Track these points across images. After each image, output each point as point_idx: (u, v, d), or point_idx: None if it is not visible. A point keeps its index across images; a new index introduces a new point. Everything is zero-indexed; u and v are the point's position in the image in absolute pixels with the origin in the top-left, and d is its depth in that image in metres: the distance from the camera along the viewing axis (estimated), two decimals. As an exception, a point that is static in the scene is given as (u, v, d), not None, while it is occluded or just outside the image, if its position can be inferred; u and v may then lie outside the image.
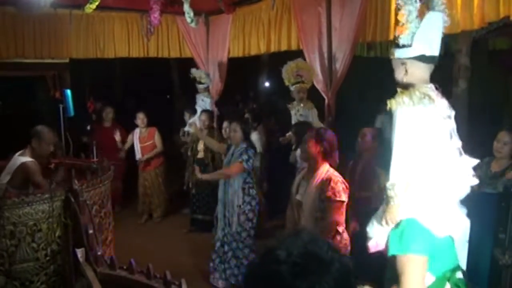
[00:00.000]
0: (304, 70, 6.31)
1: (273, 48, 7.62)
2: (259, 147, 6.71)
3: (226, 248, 5.26)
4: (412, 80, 2.64)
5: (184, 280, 2.61)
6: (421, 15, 2.60)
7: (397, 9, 2.65)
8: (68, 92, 7.31)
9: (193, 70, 8.35)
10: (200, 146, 7.36)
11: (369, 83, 11.75)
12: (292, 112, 6.53)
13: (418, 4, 2.58)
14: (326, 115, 6.39)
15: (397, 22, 2.69)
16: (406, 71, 2.66)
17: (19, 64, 9.37)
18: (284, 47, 7.33)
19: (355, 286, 1.24)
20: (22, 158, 4.55)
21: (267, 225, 6.88)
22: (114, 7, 8.13)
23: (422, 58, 2.62)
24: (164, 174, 8.08)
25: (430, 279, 2.52)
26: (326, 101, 6.38)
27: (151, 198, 8.01)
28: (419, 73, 2.65)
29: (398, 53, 2.68)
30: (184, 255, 6.33)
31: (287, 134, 6.57)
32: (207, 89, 8.45)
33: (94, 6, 6.75)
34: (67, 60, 9.31)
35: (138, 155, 7.89)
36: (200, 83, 8.29)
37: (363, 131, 5.01)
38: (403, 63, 2.67)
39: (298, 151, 5.02)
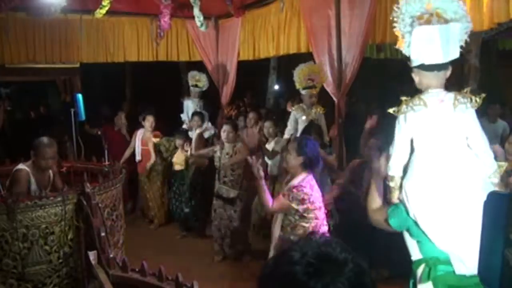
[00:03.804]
0: (316, 73, 6.23)
1: (282, 51, 7.63)
2: None
3: None
4: (421, 87, 2.86)
5: (196, 282, 2.62)
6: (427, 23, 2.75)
7: (393, 26, 2.85)
8: (79, 96, 7.38)
9: (194, 73, 8.40)
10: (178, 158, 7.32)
11: (377, 84, 11.75)
12: (299, 115, 6.44)
13: (408, 20, 2.76)
14: (336, 117, 6.38)
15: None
16: (415, 78, 2.88)
17: (30, 69, 9.48)
18: (293, 50, 7.33)
19: (369, 286, 1.24)
20: (21, 165, 4.55)
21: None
22: (124, 12, 8.19)
23: (422, 67, 2.79)
24: (162, 178, 7.93)
25: (418, 256, 2.86)
26: (336, 103, 6.37)
27: (150, 202, 7.95)
28: (425, 80, 2.83)
29: (410, 63, 2.86)
30: (192, 258, 6.30)
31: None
32: (200, 93, 8.48)
33: (104, 11, 6.82)
34: (77, 65, 9.39)
35: (138, 157, 7.80)
36: (197, 86, 8.32)
37: (369, 143, 5.00)
38: (412, 72, 2.87)
39: None
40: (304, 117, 6.35)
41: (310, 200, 3.86)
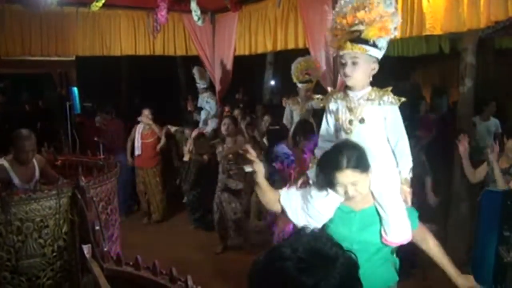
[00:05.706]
0: (313, 68, 6.28)
1: (279, 46, 7.60)
2: None
3: None
4: (370, 78, 2.81)
5: (190, 277, 2.62)
6: None
7: (381, 16, 2.70)
8: (75, 89, 7.35)
9: (195, 69, 8.40)
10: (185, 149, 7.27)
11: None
12: (294, 108, 6.48)
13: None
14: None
15: (371, 23, 2.73)
16: (373, 69, 2.79)
17: (26, 62, 9.43)
18: (290, 45, 7.31)
19: (359, 279, 1.25)
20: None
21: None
22: (120, 5, 8.17)
23: (378, 62, 2.77)
24: (161, 173, 7.93)
25: None
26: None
27: (149, 197, 7.90)
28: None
29: (374, 52, 2.73)
30: (188, 252, 6.33)
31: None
32: (207, 90, 8.43)
33: (100, 4, 6.78)
34: (73, 58, 9.35)
35: (138, 151, 7.75)
36: (198, 83, 8.33)
37: None
38: (374, 62, 2.76)
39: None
40: (298, 111, 6.39)
41: None
